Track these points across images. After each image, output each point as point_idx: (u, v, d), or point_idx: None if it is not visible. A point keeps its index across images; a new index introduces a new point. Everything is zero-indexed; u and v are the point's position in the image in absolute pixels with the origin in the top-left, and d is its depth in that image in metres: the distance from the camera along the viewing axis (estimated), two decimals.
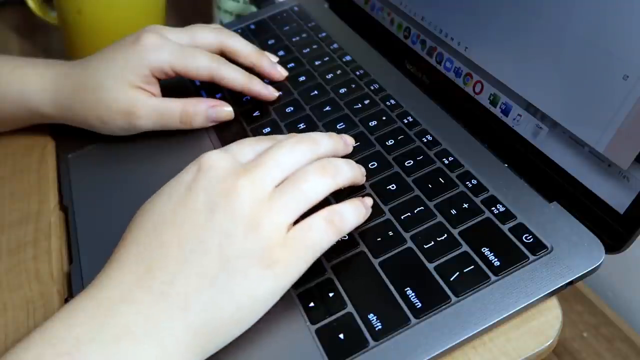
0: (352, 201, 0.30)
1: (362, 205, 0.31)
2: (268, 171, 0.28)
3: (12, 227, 0.39)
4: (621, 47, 0.28)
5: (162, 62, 0.38)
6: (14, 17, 0.64)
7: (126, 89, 0.38)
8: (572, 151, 0.32)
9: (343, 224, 0.29)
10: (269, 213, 0.27)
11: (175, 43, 0.39)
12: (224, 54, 0.42)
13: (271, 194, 0.27)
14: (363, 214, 0.31)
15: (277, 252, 0.26)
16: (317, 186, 0.28)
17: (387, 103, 0.40)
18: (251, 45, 0.42)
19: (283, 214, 0.27)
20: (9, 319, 0.34)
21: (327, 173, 0.29)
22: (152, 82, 0.39)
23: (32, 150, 0.45)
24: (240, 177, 0.27)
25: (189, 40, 0.40)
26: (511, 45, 0.35)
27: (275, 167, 0.28)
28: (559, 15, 0.31)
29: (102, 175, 0.41)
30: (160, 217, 0.27)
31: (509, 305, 0.28)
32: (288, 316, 0.29)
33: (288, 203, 0.27)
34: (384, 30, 0.47)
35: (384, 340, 0.27)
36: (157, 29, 0.40)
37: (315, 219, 0.28)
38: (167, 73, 0.39)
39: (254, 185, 0.27)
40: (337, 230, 0.28)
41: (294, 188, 0.28)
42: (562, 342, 0.39)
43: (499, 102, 0.36)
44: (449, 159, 0.35)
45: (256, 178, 0.27)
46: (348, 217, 0.29)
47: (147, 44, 0.38)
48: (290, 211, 0.27)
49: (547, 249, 0.30)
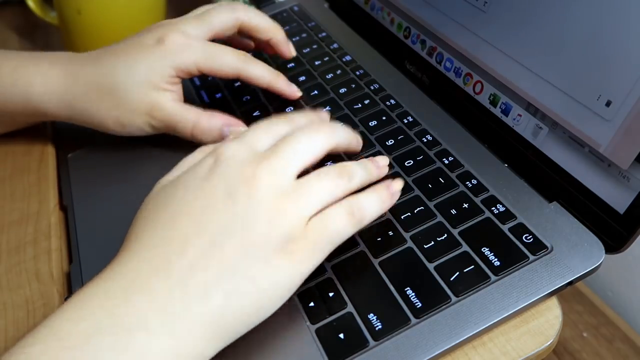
0: (377, 189, 0.30)
1: (386, 193, 0.30)
2: (288, 162, 0.28)
3: (12, 227, 0.39)
4: (621, 47, 0.28)
5: (189, 63, 0.37)
6: (14, 17, 0.64)
7: (149, 91, 0.37)
8: (572, 151, 0.32)
9: (363, 215, 0.28)
10: (294, 204, 0.26)
11: (200, 41, 0.38)
12: (242, 30, 0.41)
13: (294, 185, 0.27)
14: (387, 203, 0.30)
15: (298, 240, 0.26)
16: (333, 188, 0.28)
17: (387, 103, 0.40)
18: (268, 18, 0.42)
19: (308, 206, 0.27)
20: (9, 319, 0.34)
21: (342, 176, 0.29)
22: (176, 82, 0.38)
23: (32, 150, 0.45)
24: (261, 165, 0.27)
25: (207, 30, 0.39)
26: (511, 44, 0.35)
27: (294, 157, 0.28)
28: (559, 14, 0.31)
29: (102, 175, 0.41)
30: (178, 207, 0.27)
31: (509, 305, 0.28)
32: (288, 316, 0.29)
33: (308, 197, 0.27)
34: (384, 30, 0.47)
35: (384, 340, 0.27)
36: (177, 27, 0.38)
37: (335, 211, 0.28)
38: (192, 73, 0.38)
39: (275, 174, 0.27)
40: (357, 222, 0.28)
41: (311, 182, 0.28)
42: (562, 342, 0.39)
43: (499, 102, 0.36)
44: (449, 159, 0.35)
45: (277, 167, 0.27)
46: (368, 208, 0.29)
47: (172, 45, 0.37)
48: (314, 204, 0.27)
49: (547, 249, 0.30)
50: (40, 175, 0.43)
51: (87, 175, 0.41)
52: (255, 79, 0.39)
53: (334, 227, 0.27)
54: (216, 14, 0.40)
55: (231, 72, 0.38)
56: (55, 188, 0.42)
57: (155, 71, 0.37)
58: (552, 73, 0.32)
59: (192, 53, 0.38)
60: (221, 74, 0.38)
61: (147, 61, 0.37)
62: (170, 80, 0.38)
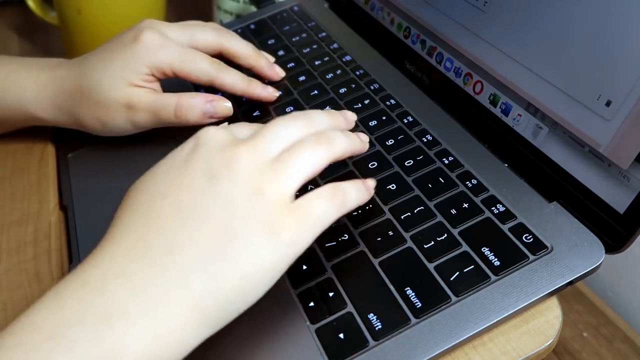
0: (354, 182, 0.30)
1: (363, 187, 0.30)
2: (267, 141, 0.27)
3: (12, 227, 0.39)
4: (621, 47, 0.28)
5: (162, 63, 0.38)
6: (14, 17, 0.64)
7: (124, 87, 0.38)
8: (572, 151, 0.32)
9: (346, 200, 0.28)
10: (272, 180, 0.26)
11: (176, 44, 0.39)
12: (222, 55, 0.41)
13: (272, 163, 0.27)
14: (364, 195, 0.30)
15: (282, 219, 0.25)
16: (315, 155, 0.28)
17: (387, 103, 0.40)
18: (250, 46, 0.42)
19: (286, 181, 0.26)
20: (9, 319, 0.34)
21: (321, 142, 0.28)
22: (152, 80, 0.39)
23: (32, 150, 0.45)
24: (240, 146, 0.27)
25: (188, 40, 0.40)
26: (511, 44, 0.35)
27: (274, 138, 0.28)
28: (559, 14, 0.31)
29: (102, 175, 0.41)
30: (157, 189, 0.26)
31: (509, 305, 0.28)
32: (288, 316, 0.29)
33: (290, 171, 0.27)
34: (384, 30, 0.47)
35: (383, 340, 0.27)
36: (156, 25, 0.39)
37: (320, 191, 0.27)
38: (166, 74, 0.39)
39: (255, 154, 0.27)
40: (340, 205, 0.28)
41: (293, 157, 0.27)
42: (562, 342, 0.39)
43: (499, 102, 0.36)
44: (449, 159, 0.35)
45: (256, 147, 0.27)
46: (350, 194, 0.29)
47: (147, 43, 0.38)
48: (293, 179, 0.27)
49: (547, 249, 0.30)
50: (40, 174, 0.43)
51: (87, 175, 0.41)
52: (228, 86, 0.40)
53: (319, 204, 0.27)
54: (201, 30, 0.40)
55: (204, 78, 0.39)
56: (55, 188, 0.42)
57: (129, 68, 0.38)
58: (552, 73, 0.32)
59: (167, 54, 0.38)
60: (195, 79, 0.39)
61: (121, 58, 0.38)
62: (145, 78, 0.38)
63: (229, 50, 0.41)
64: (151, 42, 0.38)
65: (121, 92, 0.38)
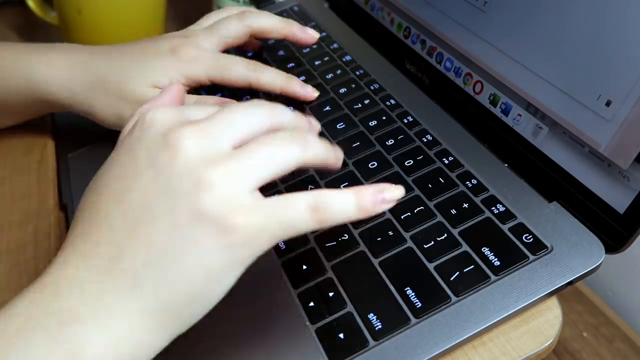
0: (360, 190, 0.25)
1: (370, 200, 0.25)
2: (219, 127, 0.24)
3: (12, 227, 0.39)
4: (621, 47, 0.28)
5: (200, 73, 0.38)
6: (14, 17, 0.64)
7: (155, 90, 0.38)
8: (572, 151, 0.32)
9: (328, 215, 0.24)
10: (224, 173, 0.23)
11: (211, 53, 0.39)
12: (255, 36, 0.41)
13: (226, 154, 0.24)
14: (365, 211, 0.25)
15: (236, 218, 0.22)
16: (283, 153, 0.24)
17: (387, 103, 0.40)
18: (276, 18, 0.42)
19: (243, 175, 0.23)
20: None
21: (296, 140, 0.25)
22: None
23: (32, 150, 0.45)
24: (185, 128, 0.24)
25: (218, 42, 0.40)
26: (511, 44, 0.35)
27: (228, 125, 0.24)
28: (559, 14, 0.31)
29: None
30: (106, 188, 0.25)
31: (509, 305, 0.28)
32: (288, 316, 0.29)
33: (249, 165, 0.23)
34: (384, 30, 0.47)
35: (383, 340, 0.27)
36: (192, 41, 0.39)
37: (297, 198, 0.24)
38: (203, 83, 0.39)
39: (202, 138, 0.23)
40: (319, 220, 0.24)
41: (256, 149, 0.24)
42: (562, 342, 0.39)
43: (499, 102, 0.36)
44: (449, 159, 0.35)
45: (205, 131, 0.24)
46: (336, 209, 0.24)
47: (185, 55, 0.38)
48: (251, 174, 0.23)
49: (547, 249, 0.30)
50: (40, 175, 0.43)
51: (87, 175, 0.41)
52: (267, 86, 0.39)
53: (289, 212, 0.23)
54: (227, 25, 0.40)
55: (242, 81, 0.39)
56: (55, 188, 0.42)
57: (166, 75, 0.38)
58: (552, 73, 0.32)
59: (203, 64, 0.38)
60: (233, 83, 0.39)
61: (159, 65, 0.38)
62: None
63: (259, 29, 0.41)
64: (189, 55, 0.38)
65: (150, 93, 0.38)
